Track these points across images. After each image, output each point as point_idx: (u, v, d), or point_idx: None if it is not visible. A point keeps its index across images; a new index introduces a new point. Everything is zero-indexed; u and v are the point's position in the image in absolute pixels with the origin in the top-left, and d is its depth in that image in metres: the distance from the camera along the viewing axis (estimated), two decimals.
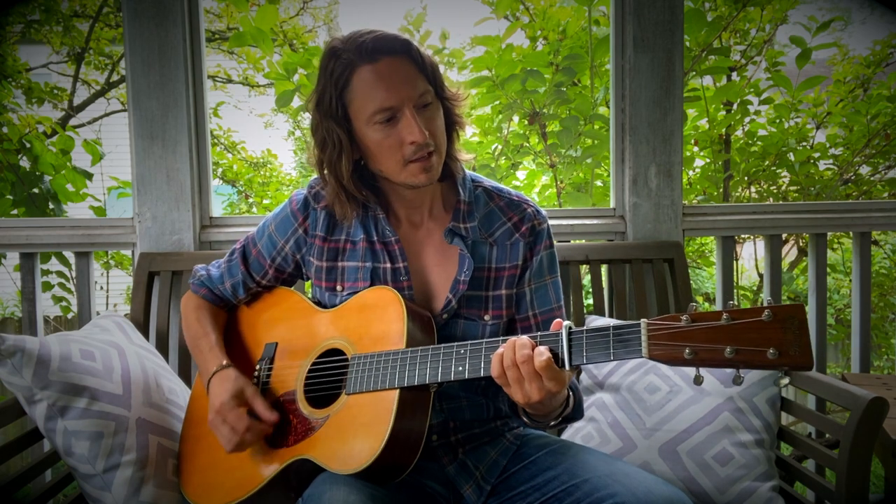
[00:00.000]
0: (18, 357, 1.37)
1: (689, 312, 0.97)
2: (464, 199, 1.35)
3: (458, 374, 1.13)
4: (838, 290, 4.54)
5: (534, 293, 1.38)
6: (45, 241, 2.10)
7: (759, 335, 0.92)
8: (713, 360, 0.94)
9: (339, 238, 1.38)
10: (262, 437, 1.29)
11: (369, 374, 1.21)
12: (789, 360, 0.90)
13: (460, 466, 1.32)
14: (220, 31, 6.00)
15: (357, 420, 1.19)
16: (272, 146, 5.96)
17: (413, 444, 1.16)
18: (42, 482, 1.84)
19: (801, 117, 3.51)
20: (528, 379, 1.05)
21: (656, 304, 2.06)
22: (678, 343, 0.96)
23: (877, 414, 1.33)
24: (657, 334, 0.98)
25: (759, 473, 1.53)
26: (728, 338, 0.93)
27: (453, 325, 1.33)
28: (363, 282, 1.34)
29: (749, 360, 0.92)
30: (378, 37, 1.21)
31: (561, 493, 1.19)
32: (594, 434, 1.68)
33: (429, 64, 1.25)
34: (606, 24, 2.88)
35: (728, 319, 0.94)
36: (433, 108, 1.26)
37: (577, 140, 2.94)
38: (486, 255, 1.36)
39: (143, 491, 1.41)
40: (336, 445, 1.19)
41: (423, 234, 1.37)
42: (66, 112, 5.31)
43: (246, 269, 1.47)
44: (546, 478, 1.24)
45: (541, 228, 1.39)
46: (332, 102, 1.25)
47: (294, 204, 1.41)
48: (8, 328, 5.38)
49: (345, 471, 1.14)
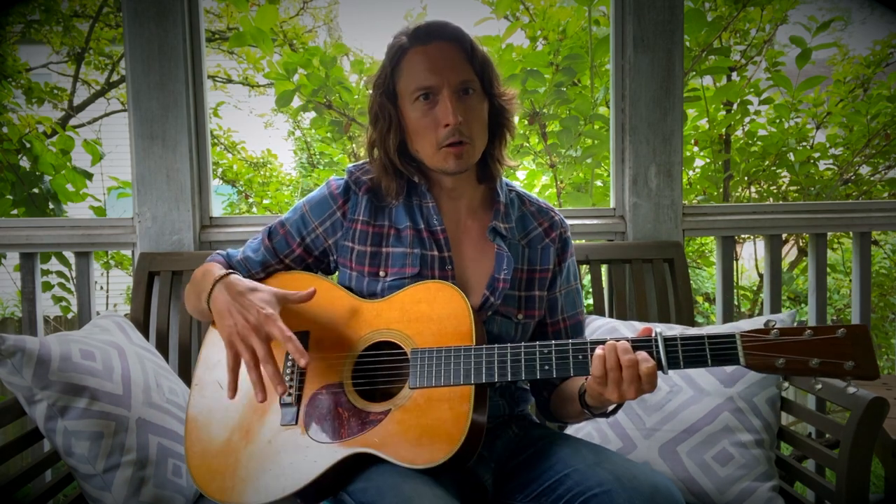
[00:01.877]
0: (18, 357, 1.37)
1: (774, 327, 1.10)
2: (503, 201, 1.40)
3: (544, 372, 1.18)
4: (838, 290, 4.55)
5: (564, 298, 1.46)
6: (45, 241, 2.10)
7: (838, 349, 1.07)
8: (799, 370, 1.08)
9: (383, 224, 1.38)
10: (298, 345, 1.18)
11: (437, 368, 1.20)
12: (861, 372, 1.05)
13: (479, 458, 1.32)
14: (220, 31, 6.00)
15: (428, 415, 1.18)
16: (272, 146, 5.97)
17: (479, 438, 1.18)
18: (42, 482, 1.84)
19: (801, 117, 3.51)
20: (629, 381, 1.10)
21: (656, 304, 2.06)
22: (772, 353, 1.09)
23: (877, 414, 1.33)
24: (751, 345, 1.10)
25: (759, 473, 1.53)
26: (811, 351, 1.08)
27: (490, 321, 1.35)
28: (411, 268, 1.34)
29: (830, 370, 1.06)
30: (433, 22, 1.28)
31: (554, 483, 1.21)
32: (594, 434, 1.68)
33: (480, 56, 1.30)
34: (606, 24, 2.88)
35: (810, 335, 1.08)
36: (475, 99, 1.29)
37: (577, 140, 2.94)
38: (519, 256, 1.40)
39: (143, 491, 1.41)
40: (403, 440, 1.17)
41: (463, 229, 1.40)
42: (66, 112, 5.31)
43: (270, 245, 1.43)
44: (543, 467, 1.26)
45: (566, 237, 1.47)
46: (385, 80, 1.32)
47: (334, 188, 1.40)
48: (8, 328, 5.37)
49: (418, 465, 1.13)
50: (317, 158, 6.44)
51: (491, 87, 1.33)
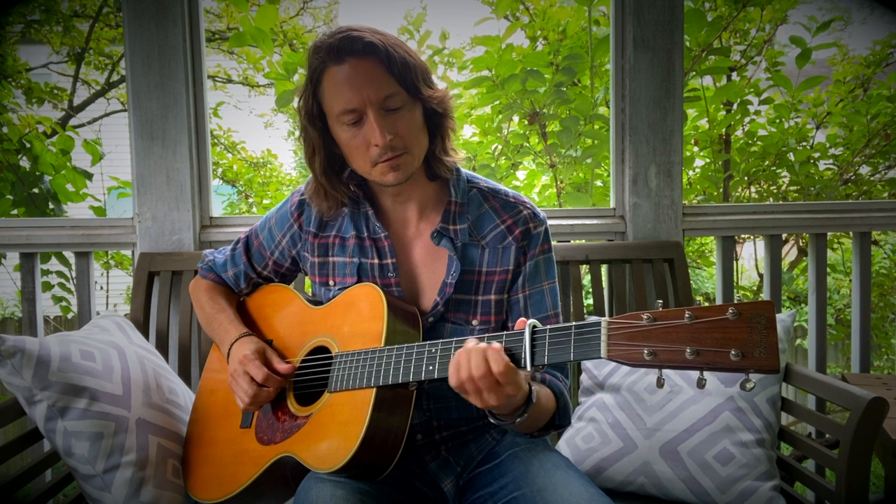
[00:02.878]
0: (18, 358, 1.37)
1: (653, 311, 0.91)
2: (455, 200, 1.33)
3: (428, 373, 1.11)
4: (838, 290, 4.54)
5: (528, 299, 1.34)
6: (45, 241, 2.10)
7: (723, 335, 0.86)
8: (674, 362, 0.88)
9: (329, 234, 1.39)
10: (275, 394, 1.30)
11: (350, 372, 1.21)
12: (753, 363, 0.84)
13: (442, 462, 1.33)
14: (220, 31, 6.00)
15: (336, 419, 1.20)
16: (272, 146, 5.97)
17: (392, 443, 1.16)
18: (42, 482, 1.84)
19: (801, 117, 3.51)
20: (487, 390, 1.03)
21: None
22: (637, 343, 0.90)
23: (877, 414, 1.33)
24: (617, 333, 0.93)
25: (760, 473, 1.53)
26: (689, 338, 0.88)
27: (440, 328, 1.32)
28: (350, 277, 1.35)
29: (710, 361, 0.86)
30: (345, 37, 1.20)
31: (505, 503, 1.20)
32: (594, 434, 1.68)
33: (399, 64, 1.21)
34: (606, 24, 2.88)
35: (691, 318, 0.88)
36: (403, 109, 1.23)
37: (577, 140, 2.94)
38: (476, 258, 1.33)
39: (142, 491, 1.41)
40: (315, 443, 1.20)
41: (413, 233, 1.36)
42: (66, 112, 5.31)
43: (248, 259, 1.50)
44: (500, 485, 1.25)
45: (536, 232, 1.35)
46: (308, 99, 1.27)
47: (292, 201, 1.43)
48: (8, 328, 5.37)
49: (322, 469, 1.15)
50: None
51: (418, 92, 1.24)
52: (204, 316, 1.52)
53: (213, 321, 1.48)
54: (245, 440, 1.35)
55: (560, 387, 1.29)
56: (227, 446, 1.38)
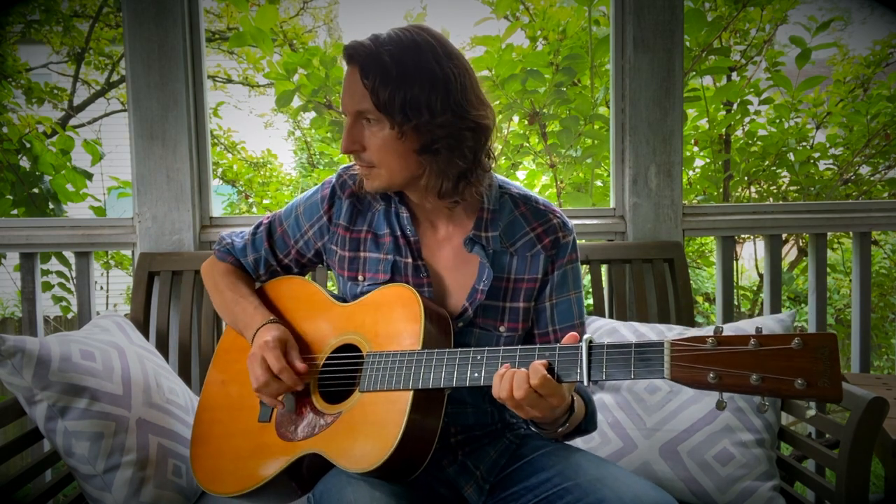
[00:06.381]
0: (18, 357, 1.37)
1: (716, 334, 0.94)
2: (487, 207, 1.32)
3: (473, 380, 1.13)
4: (838, 290, 4.55)
5: (555, 308, 1.35)
6: (45, 241, 2.10)
7: (788, 363, 0.89)
8: (738, 387, 0.92)
9: (361, 228, 1.38)
10: (290, 390, 1.27)
11: (384, 373, 1.20)
12: (818, 392, 0.88)
13: (460, 468, 1.32)
14: (220, 31, 6.00)
15: (369, 419, 1.19)
16: (272, 146, 5.96)
17: (424, 446, 1.16)
18: (42, 482, 1.84)
19: (801, 117, 3.51)
20: (530, 405, 1.06)
21: (656, 304, 2.06)
22: (702, 366, 0.94)
23: (877, 414, 1.33)
24: (680, 356, 0.96)
25: (760, 473, 1.53)
26: (754, 364, 0.91)
27: (468, 333, 1.32)
28: (383, 274, 1.33)
29: (775, 388, 0.89)
30: (349, 44, 1.23)
31: (552, 496, 1.19)
32: (594, 434, 1.67)
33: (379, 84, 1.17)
34: (606, 24, 2.88)
35: (756, 345, 0.91)
36: (374, 126, 1.22)
37: (577, 140, 2.95)
38: (505, 265, 1.32)
39: (143, 491, 1.41)
40: (347, 443, 1.18)
41: (442, 236, 1.36)
42: (66, 112, 5.31)
43: (270, 245, 1.46)
44: (540, 479, 1.24)
45: (565, 241, 1.35)
46: None
47: (323, 192, 1.41)
48: (8, 328, 5.37)
49: (355, 469, 1.14)
50: (317, 158, 6.43)
51: (402, 115, 1.17)
52: (222, 300, 1.46)
53: (235, 306, 1.43)
54: (265, 434, 1.31)
55: (588, 392, 1.30)
56: (245, 439, 1.34)
